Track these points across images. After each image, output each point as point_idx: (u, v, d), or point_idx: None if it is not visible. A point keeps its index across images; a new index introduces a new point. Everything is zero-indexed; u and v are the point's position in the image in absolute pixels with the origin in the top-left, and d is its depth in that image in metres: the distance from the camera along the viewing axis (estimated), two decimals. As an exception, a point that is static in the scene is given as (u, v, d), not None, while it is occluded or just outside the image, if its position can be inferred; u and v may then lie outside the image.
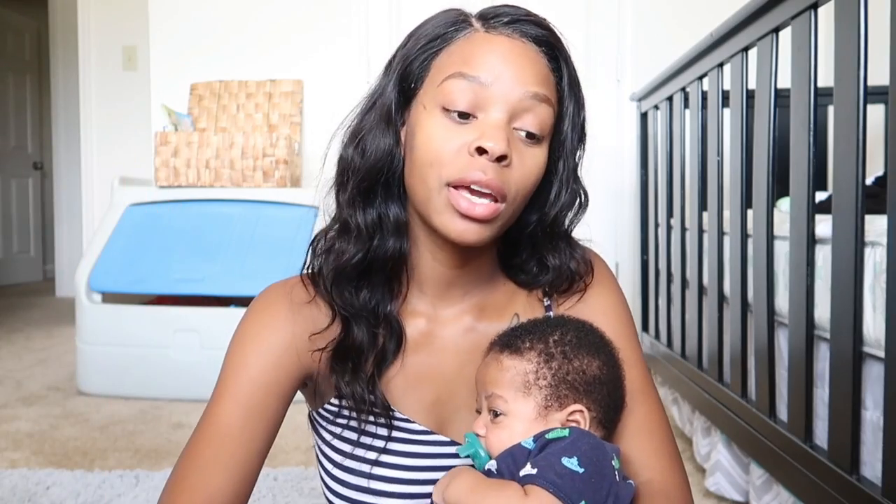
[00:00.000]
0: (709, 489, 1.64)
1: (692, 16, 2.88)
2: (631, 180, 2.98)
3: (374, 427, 0.77)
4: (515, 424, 0.69)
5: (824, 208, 1.23)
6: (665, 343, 2.17)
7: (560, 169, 0.76)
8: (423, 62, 0.74)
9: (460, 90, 0.69)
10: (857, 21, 1.01)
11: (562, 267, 0.79)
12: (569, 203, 0.77)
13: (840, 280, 1.07)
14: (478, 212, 0.68)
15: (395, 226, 0.75)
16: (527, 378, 0.70)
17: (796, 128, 1.22)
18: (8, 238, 5.66)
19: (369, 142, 0.74)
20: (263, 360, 0.75)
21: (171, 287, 2.52)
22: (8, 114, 5.62)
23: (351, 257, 0.74)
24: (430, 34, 0.74)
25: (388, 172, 0.75)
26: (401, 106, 0.75)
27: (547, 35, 0.74)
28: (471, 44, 0.72)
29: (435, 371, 0.78)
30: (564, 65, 0.75)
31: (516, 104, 0.69)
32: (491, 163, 0.67)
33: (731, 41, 1.52)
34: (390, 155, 0.74)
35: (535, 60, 0.72)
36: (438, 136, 0.70)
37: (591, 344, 0.72)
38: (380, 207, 0.75)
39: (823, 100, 1.34)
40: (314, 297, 0.77)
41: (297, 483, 1.69)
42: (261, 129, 3.09)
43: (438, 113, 0.70)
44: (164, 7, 3.29)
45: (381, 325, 0.76)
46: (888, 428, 0.94)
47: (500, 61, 0.70)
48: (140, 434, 2.12)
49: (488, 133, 0.68)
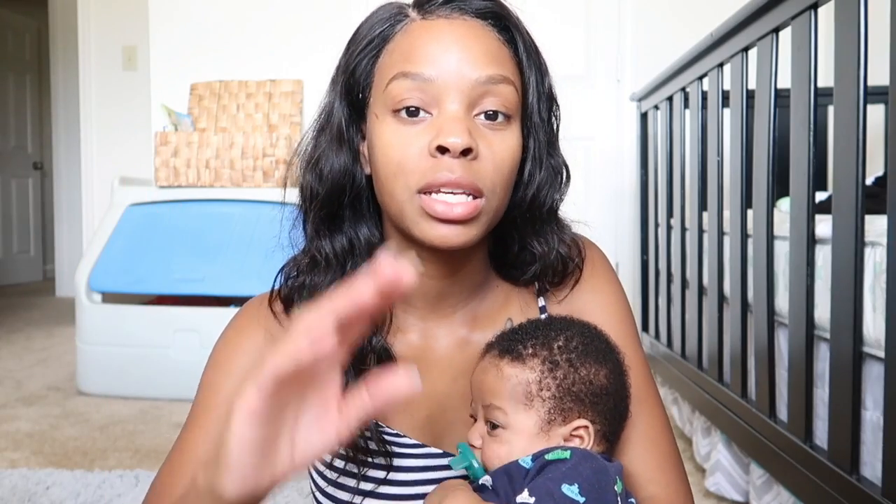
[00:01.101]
0: (709, 489, 1.64)
1: (692, 16, 2.88)
2: (631, 180, 2.98)
3: (370, 465, 0.72)
4: (515, 440, 0.64)
5: (824, 208, 1.23)
6: (665, 343, 2.17)
7: (531, 145, 0.70)
8: (365, 68, 0.68)
9: (407, 91, 0.64)
10: (857, 21, 1.01)
11: (549, 253, 0.73)
12: (546, 180, 0.71)
13: (840, 280, 1.07)
14: (457, 212, 0.62)
15: (367, 248, 0.70)
16: (529, 389, 0.64)
17: (796, 128, 1.21)
18: (8, 238, 5.66)
19: (324, 165, 0.69)
20: (234, 384, 0.70)
21: (171, 287, 2.52)
22: (8, 114, 5.62)
23: (325, 290, 0.68)
24: (368, 36, 0.68)
25: (350, 193, 0.70)
26: (354, 120, 0.70)
27: (490, 5, 0.67)
28: (409, 37, 0.66)
29: (428, 387, 0.73)
30: (517, 32, 0.68)
31: (471, 91, 0.64)
32: (456, 159, 0.62)
33: (731, 41, 1.52)
34: (348, 174, 0.69)
35: (482, 38, 0.65)
36: (396, 144, 0.64)
37: (598, 351, 0.67)
38: (349, 232, 0.71)
39: (823, 100, 1.34)
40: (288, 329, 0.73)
41: (297, 483, 1.69)
42: (261, 129, 3.09)
43: (391, 119, 0.65)
44: (164, 7, 3.29)
45: (369, 361, 0.70)
46: (888, 428, 0.94)
47: (443, 50, 0.64)
48: (140, 434, 2.12)
49: (446, 128, 0.62)
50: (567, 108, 0.76)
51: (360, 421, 0.44)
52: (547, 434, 0.64)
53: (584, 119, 3.10)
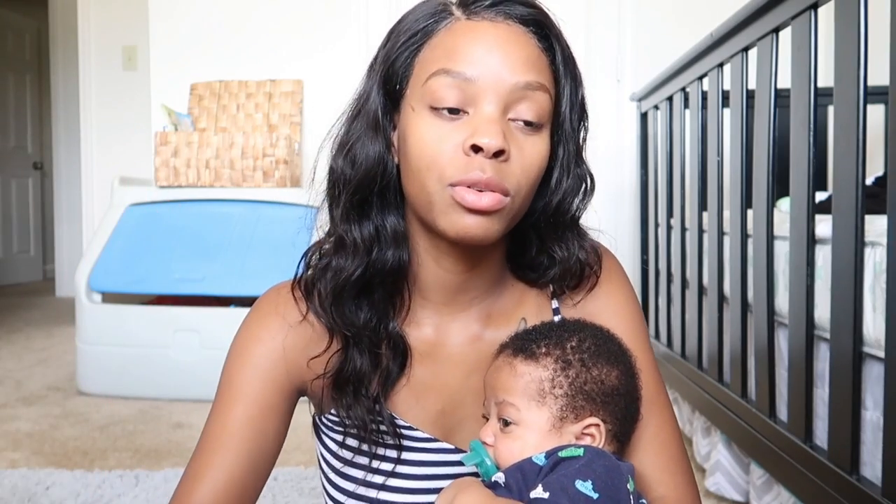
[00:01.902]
0: (709, 489, 1.64)
1: (692, 16, 2.88)
2: (631, 180, 2.98)
3: (382, 449, 0.74)
4: (527, 436, 0.66)
5: (824, 208, 1.23)
6: (665, 343, 2.17)
7: (560, 154, 0.71)
8: (405, 60, 0.69)
9: (446, 87, 0.65)
10: (857, 21, 1.01)
11: (569, 258, 0.74)
12: (573, 189, 0.72)
13: (840, 280, 1.07)
14: (485, 203, 0.64)
15: (393, 236, 0.72)
16: (542, 386, 0.66)
17: (796, 128, 1.21)
18: (8, 238, 5.66)
19: (358, 151, 0.70)
20: (252, 375, 0.73)
21: (171, 287, 2.52)
22: (8, 114, 5.62)
23: (350, 274, 0.70)
24: (411, 29, 0.69)
25: (381, 181, 0.71)
26: (388, 109, 0.71)
27: (534, 13, 0.68)
28: (452, 35, 0.67)
29: (440, 382, 0.75)
30: (556, 42, 0.70)
31: (508, 95, 0.65)
32: (488, 159, 0.64)
33: (731, 41, 1.52)
34: (382, 163, 0.70)
35: (523, 44, 0.67)
36: (431, 138, 0.65)
37: (610, 352, 0.69)
38: (376, 219, 0.72)
39: (823, 100, 1.34)
40: (306, 316, 0.74)
41: (297, 483, 1.69)
42: (261, 129, 3.09)
43: (427, 113, 0.66)
44: (164, 7, 3.29)
45: (384, 345, 0.72)
46: (888, 428, 0.94)
47: (485, 51, 0.65)
48: (140, 434, 2.12)
49: (482, 129, 0.63)
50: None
51: None
52: (559, 431, 0.66)
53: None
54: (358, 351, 0.72)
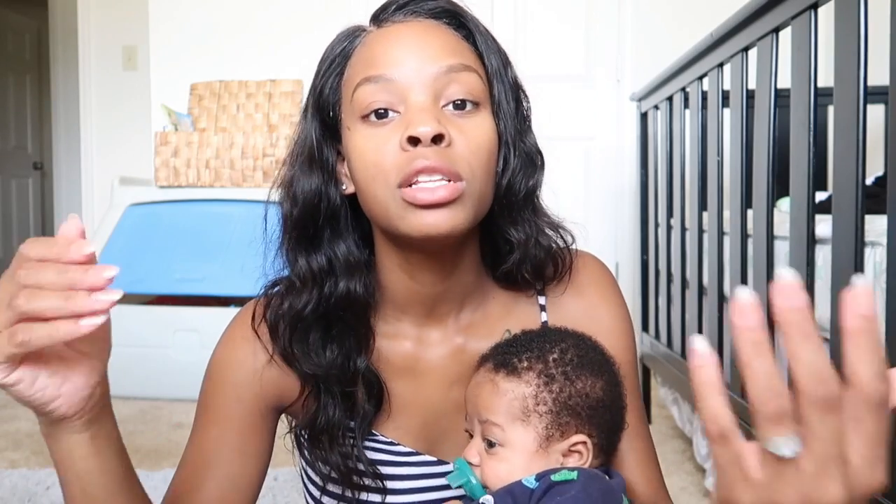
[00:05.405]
0: (709, 489, 1.64)
1: (692, 16, 2.88)
2: (631, 180, 2.98)
3: (365, 494, 0.72)
4: (514, 458, 0.64)
5: (824, 208, 1.23)
6: (665, 343, 2.17)
7: (502, 132, 0.69)
8: (332, 86, 0.70)
9: (371, 94, 0.65)
10: (857, 21, 1.01)
11: (528, 241, 0.71)
12: (520, 167, 0.70)
13: (840, 280, 1.07)
14: (439, 196, 0.61)
15: (346, 265, 0.70)
16: (525, 403, 0.64)
17: (796, 128, 1.21)
18: (8, 238, 5.66)
19: (297, 187, 0.71)
20: (229, 397, 0.73)
21: (171, 287, 2.52)
22: (8, 114, 5.62)
23: (303, 308, 0.69)
24: (331, 56, 0.70)
25: (326, 212, 0.70)
26: (328, 142, 0.71)
27: (443, 4, 0.69)
28: (367, 46, 0.68)
29: (422, 396, 0.74)
30: (474, 27, 0.69)
31: (433, 83, 0.64)
32: (429, 147, 0.61)
33: (731, 41, 1.52)
34: (320, 194, 0.70)
35: (438, 34, 0.66)
36: (369, 147, 0.64)
37: (594, 362, 0.67)
38: (327, 250, 0.71)
39: (823, 100, 1.34)
40: (272, 357, 0.72)
41: (297, 483, 1.69)
42: (261, 129, 3.09)
43: (361, 126, 0.65)
44: (164, 7, 3.29)
45: (356, 384, 0.70)
46: (888, 428, 0.94)
47: (400, 48, 0.65)
48: (140, 434, 2.12)
49: (415, 120, 0.62)
50: (567, 108, 0.76)
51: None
52: (546, 451, 0.64)
53: (584, 119, 3.09)
54: (331, 397, 0.70)
